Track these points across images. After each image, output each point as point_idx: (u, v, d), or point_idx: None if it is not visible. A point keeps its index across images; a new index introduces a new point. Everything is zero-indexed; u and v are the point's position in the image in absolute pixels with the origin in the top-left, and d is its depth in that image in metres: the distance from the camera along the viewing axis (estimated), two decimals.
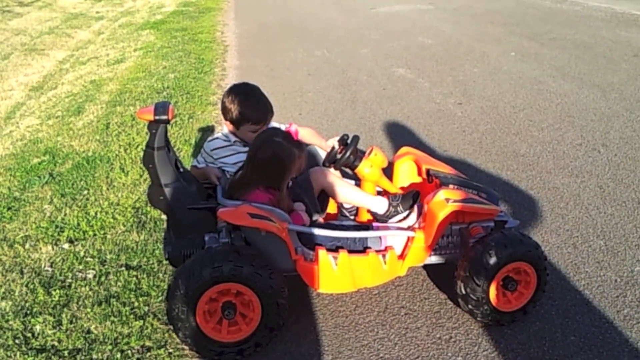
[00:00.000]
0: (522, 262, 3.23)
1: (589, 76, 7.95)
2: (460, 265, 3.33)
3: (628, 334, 3.25)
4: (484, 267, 3.20)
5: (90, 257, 4.13)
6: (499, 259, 3.19)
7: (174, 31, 12.19)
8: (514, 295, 3.32)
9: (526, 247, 3.23)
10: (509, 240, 3.24)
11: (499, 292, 3.30)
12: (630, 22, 11.40)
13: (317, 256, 3.24)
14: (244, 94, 3.70)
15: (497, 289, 3.28)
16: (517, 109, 6.81)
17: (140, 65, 9.47)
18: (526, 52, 9.45)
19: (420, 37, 10.83)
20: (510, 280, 3.28)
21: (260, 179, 3.30)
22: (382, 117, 6.74)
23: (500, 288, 3.29)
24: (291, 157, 3.29)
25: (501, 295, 3.30)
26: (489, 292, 3.25)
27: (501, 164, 5.39)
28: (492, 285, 3.24)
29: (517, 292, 3.32)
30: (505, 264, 3.22)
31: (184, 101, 7.40)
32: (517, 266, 3.24)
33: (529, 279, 3.29)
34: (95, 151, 5.97)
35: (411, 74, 8.46)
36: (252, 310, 3.13)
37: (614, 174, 5.08)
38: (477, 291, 3.24)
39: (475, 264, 3.23)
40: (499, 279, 3.27)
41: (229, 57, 10.04)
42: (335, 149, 3.73)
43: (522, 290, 3.32)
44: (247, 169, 3.37)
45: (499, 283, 3.28)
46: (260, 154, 3.30)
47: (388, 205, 3.60)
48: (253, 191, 3.28)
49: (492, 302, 3.28)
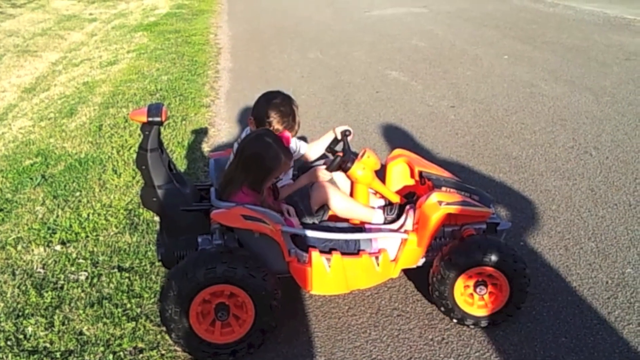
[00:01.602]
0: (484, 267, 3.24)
1: (582, 79, 7.98)
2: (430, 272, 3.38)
3: (619, 336, 3.26)
4: (445, 273, 3.25)
5: (82, 259, 4.12)
6: (457, 265, 3.23)
7: (167, 33, 12.18)
8: (490, 299, 3.33)
9: (486, 252, 3.22)
10: (466, 247, 3.26)
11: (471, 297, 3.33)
12: (622, 26, 11.45)
13: (311, 258, 3.25)
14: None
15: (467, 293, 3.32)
16: (509, 112, 6.83)
17: (133, 67, 9.45)
18: (519, 55, 9.48)
19: (413, 40, 10.85)
20: (480, 284, 3.30)
21: (243, 177, 3.29)
22: (375, 120, 6.75)
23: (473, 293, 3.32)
24: (276, 160, 3.28)
25: (474, 300, 3.33)
26: (454, 298, 3.30)
27: (493, 166, 5.41)
28: (456, 290, 3.28)
29: (492, 295, 3.32)
30: (464, 270, 3.24)
31: (177, 103, 7.39)
32: (481, 271, 3.26)
33: (501, 283, 3.30)
34: (87, 153, 5.96)
35: (404, 77, 8.47)
36: (246, 312, 3.14)
37: (605, 177, 5.10)
38: (443, 297, 3.30)
39: (439, 270, 3.28)
40: (465, 284, 3.30)
41: (222, 60, 10.04)
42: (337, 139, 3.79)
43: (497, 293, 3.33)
44: (232, 164, 3.37)
45: (466, 288, 3.32)
46: (247, 151, 3.30)
47: (384, 218, 3.62)
48: (238, 191, 3.27)
49: (461, 307, 3.32)
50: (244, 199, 3.24)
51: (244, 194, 3.27)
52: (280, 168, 3.31)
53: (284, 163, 3.31)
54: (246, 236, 3.23)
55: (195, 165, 5.60)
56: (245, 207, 3.15)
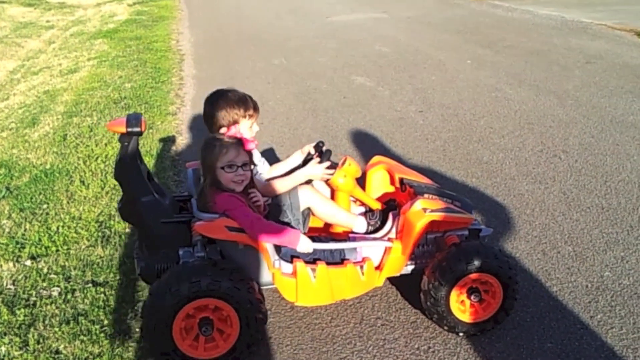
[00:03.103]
0: (481, 273, 3.23)
1: (545, 83, 8.08)
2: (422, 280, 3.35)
3: (603, 340, 3.29)
4: (443, 280, 3.23)
5: (54, 274, 4.01)
6: (454, 272, 3.21)
7: (128, 40, 12.00)
8: (482, 306, 3.32)
9: (483, 258, 3.23)
10: (465, 253, 3.25)
11: (463, 304, 3.32)
12: (580, 30, 11.64)
13: (296, 269, 3.20)
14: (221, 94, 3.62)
15: (460, 300, 3.31)
16: (477, 117, 6.88)
17: (95, 75, 9.29)
18: (482, 60, 9.57)
19: (377, 46, 10.87)
20: (474, 290, 3.29)
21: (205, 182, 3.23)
22: (344, 126, 6.73)
23: (465, 300, 3.30)
24: (209, 148, 3.18)
25: (467, 307, 3.32)
26: (449, 305, 3.28)
27: (465, 171, 5.43)
28: (451, 297, 3.26)
29: (484, 302, 3.32)
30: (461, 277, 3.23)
31: (143, 111, 7.27)
32: (477, 277, 3.25)
33: (494, 290, 3.30)
34: (53, 164, 5.81)
35: (370, 82, 8.48)
36: (230, 326, 3.08)
37: (576, 180, 5.16)
38: (438, 305, 3.27)
39: (435, 277, 3.25)
40: (460, 291, 3.28)
41: (185, 66, 9.93)
42: (311, 154, 3.71)
43: (489, 300, 3.32)
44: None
45: (460, 295, 3.30)
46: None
47: (367, 225, 3.59)
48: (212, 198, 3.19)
49: (455, 315, 3.30)
50: (224, 205, 3.15)
51: (221, 199, 3.17)
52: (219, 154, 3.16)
53: (223, 147, 3.17)
54: (229, 248, 3.18)
55: (165, 175, 5.51)
56: (229, 218, 3.09)
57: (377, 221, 3.60)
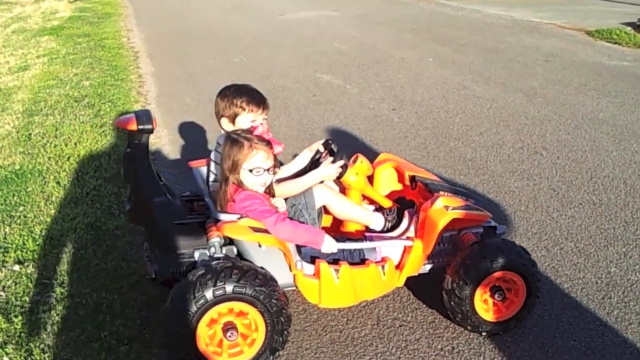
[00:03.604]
0: (506, 271, 3.19)
1: (510, 81, 8.15)
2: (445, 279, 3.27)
3: (625, 336, 3.28)
4: (468, 279, 3.16)
5: (45, 279, 3.79)
6: (479, 270, 3.15)
7: (76, 37, 11.60)
8: (505, 304, 3.28)
9: (508, 255, 3.18)
10: (489, 251, 3.18)
11: (487, 303, 3.25)
12: (531, 29, 11.81)
13: (319, 269, 3.09)
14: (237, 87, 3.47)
15: (483, 299, 3.25)
16: (451, 114, 6.87)
17: (49, 73, 8.93)
18: (443, 58, 9.60)
19: (335, 43, 10.80)
20: (498, 289, 3.23)
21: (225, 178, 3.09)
22: (320, 123, 6.64)
23: (488, 298, 3.25)
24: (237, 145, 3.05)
25: (490, 306, 3.26)
26: (474, 304, 3.21)
27: (452, 168, 5.40)
28: (475, 296, 3.20)
29: (507, 300, 3.27)
30: (487, 275, 3.17)
31: (108, 109, 7.00)
32: (501, 275, 3.20)
33: (518, 288, 3.25)
34: (22, 164, 5.52)
35: (337, 80, 8.40)
36: (255, 330, 2.95)
37: (562, 177, 5.19)
38: (463, 304, 3.20)
39: (460, 276, 3.18)
40: (484, 290, 3.22)
41: (142, 64, 9.66)
42: (320, 152, 3.60)
43: (512, 298, 3.28)
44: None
45: (484, 294, 3.24)
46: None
47: (384, 220, 3.50)
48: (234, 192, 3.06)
49: (479, 314, 3.23)
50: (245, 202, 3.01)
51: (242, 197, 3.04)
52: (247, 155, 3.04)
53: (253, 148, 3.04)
54: (249, 248, 3.04)
55: None
56: (251, 219, 2.96)
57: (394, 217, 3.51)
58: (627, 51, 9.83)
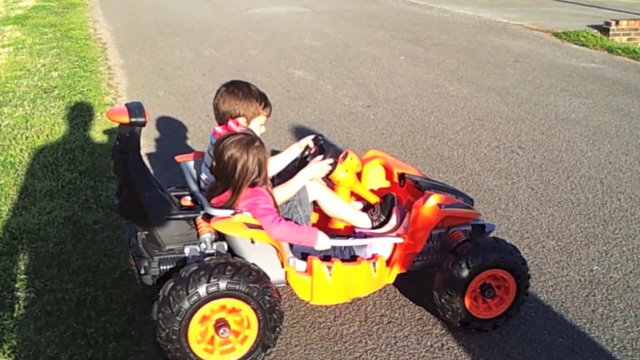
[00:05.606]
0: (497, 269, 3.20)
1: (482, 80, 8.21)
2: (436, 276, 3.27)
3: (612, 334, 3.31)
4: (457, 278, 3.15)
5: (24, 274, 3.69)
6: (471, 268, 3.14)
7: (41, 27, 11.37)
8: (495, 302, 3.29)
9: (500, 253, 3.19)
10: (482, 249, 3.18)
11: (477, 300, 3.26)
12: (499, 29, 11.93)
13: (311, 266, 3.06)
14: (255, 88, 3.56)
15: (474, 297, 3.24)
16: (426, 112, 6.89)
17: (15, 63, 8.72)
18: (414, 56, 9.63)
19: (306, 39, 10.76)
20: (488, 286, 3.24)
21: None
22: (294, 119, 6.59)
23: (478, 296, 3.25)
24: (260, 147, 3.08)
25: (480, 303, 3.26)
26: (464, 302, 3.21)
27: (430, 166, 5.41)
28: (467, 294, 3.20)
29: (497, 298, 3.28)
30: (478, 273, 3.18)
31: (79, 101, 6.86)
32: (492, 273, 3.21)
33: (508, 285, 3.27)
34: None
35: (310, 76, 8.36)
36: (247, 327, 2.90)
37: (540, 176, 5.23)
38: (453, 301, 3.19)
39: (448, 275, 3.18)
40: (475, 288, 3.23)
41: (110, 55, 9.50)
42: (309, 148, 3.56)
43: (502, 296, 3.29)
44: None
45: (475, 291, 3.24)
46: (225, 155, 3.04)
47: (371, 221, 3.48)
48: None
49: (470, 311, 3.23)
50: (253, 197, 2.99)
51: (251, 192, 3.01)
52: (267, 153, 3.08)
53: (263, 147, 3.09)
54: (241, 245, 3.00)
55: None
56: (246, 215, 2.91)
57: (379, 216, 3.49)
58: (595, 53, 9.97)
